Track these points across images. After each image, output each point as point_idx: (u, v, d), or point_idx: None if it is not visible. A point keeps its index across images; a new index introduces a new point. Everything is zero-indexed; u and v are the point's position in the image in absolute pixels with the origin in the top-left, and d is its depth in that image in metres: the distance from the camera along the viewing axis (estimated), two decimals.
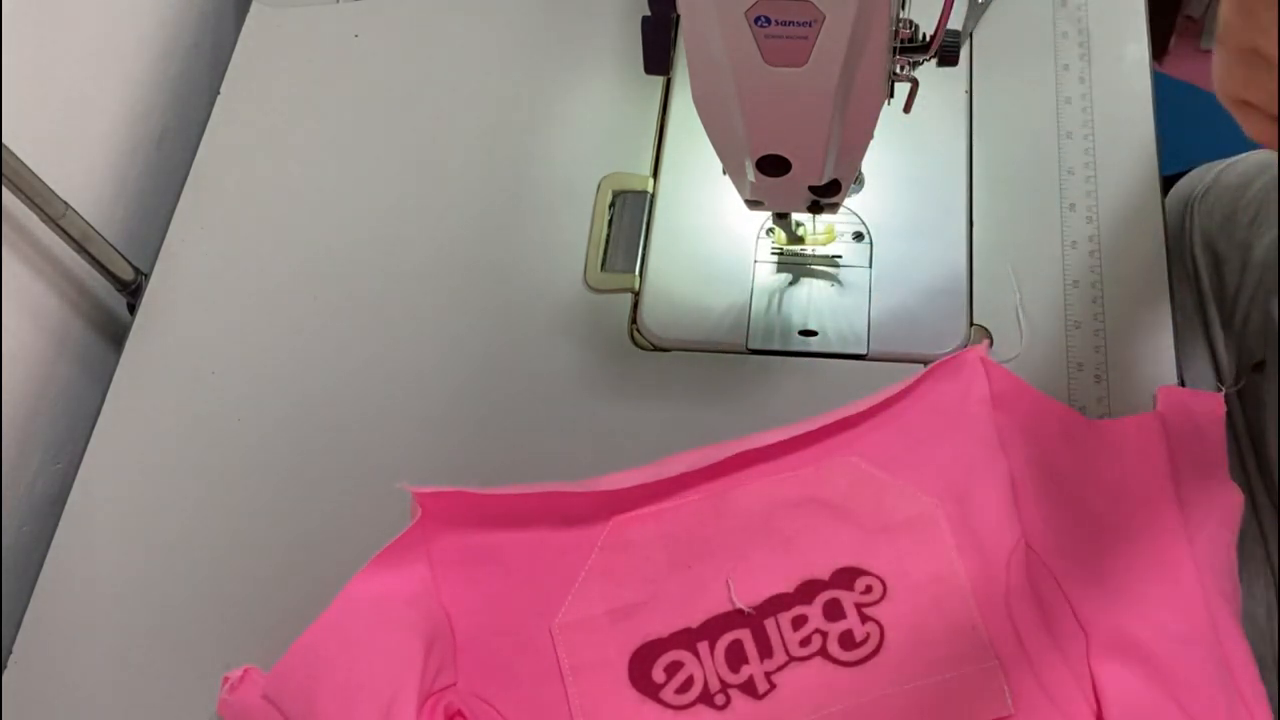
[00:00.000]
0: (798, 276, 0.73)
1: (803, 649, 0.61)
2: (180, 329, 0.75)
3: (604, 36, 0.83)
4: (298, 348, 0.74)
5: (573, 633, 0.61)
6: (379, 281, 0.76)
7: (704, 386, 0.70)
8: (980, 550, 0.62)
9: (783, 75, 0.51)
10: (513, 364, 0.72)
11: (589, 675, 0.61)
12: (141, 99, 0.85)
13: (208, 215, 0.79)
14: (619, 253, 0.75)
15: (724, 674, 0.60)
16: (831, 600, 0.62)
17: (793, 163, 0.58)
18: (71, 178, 0.76)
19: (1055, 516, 0.63)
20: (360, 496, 0.68)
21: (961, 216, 0.73)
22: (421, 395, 0.71)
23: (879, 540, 0.63)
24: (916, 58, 0.58)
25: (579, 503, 0.63)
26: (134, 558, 0.68)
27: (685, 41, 0.52)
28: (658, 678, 0.60)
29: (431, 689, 0.58)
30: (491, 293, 0.74)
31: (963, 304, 0.71)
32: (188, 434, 0.72)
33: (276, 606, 0.66)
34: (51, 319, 0.78)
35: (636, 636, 0.61)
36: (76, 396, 0.80)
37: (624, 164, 0.78)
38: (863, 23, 0.49)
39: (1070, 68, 0.78)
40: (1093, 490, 0.63)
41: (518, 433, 0.70)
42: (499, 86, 0.82)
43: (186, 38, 0.89)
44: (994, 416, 0.65)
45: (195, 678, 0.64)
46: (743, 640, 0.61)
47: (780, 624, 0.61)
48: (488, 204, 0.78)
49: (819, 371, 0.70)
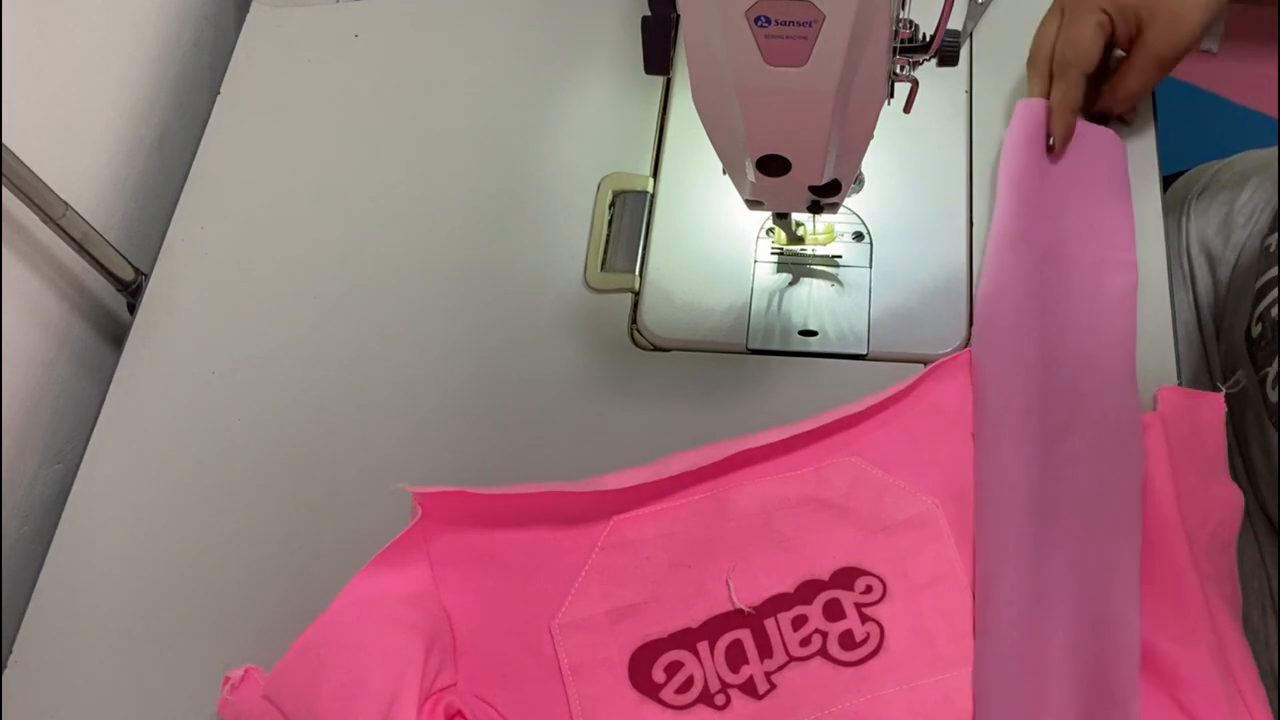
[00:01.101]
0: (798, 276, 0.73)
1: (803, 649, 0.61)
2: (180, 329, 0.75)
3: (604, 36, 0.83)
4: (297, 347, 0.74)
5: (573, 632, 0.61)
6: (379, 281, 0.76)
7: (704, 386, 0.70)
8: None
9: (783, 75, 0.51)
10: (513, 364, 0.72)
11: (589, 675, 0.61)
12: (141, 99, 0.85)
13: (208, 215, 0.79)
14: (619, 253, 0.75)
15: (724, 674, 0.60)
16: (831, 600, 0.62)
17: (793, 163, 0.58)
18: (71, 178, 0.76)
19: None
20: (360, 496, 0.68)
21: (961, 216, 0.73)
22: (422, 395, 0.71)
23: (879, 540, 0.63)
24: (916, 58, 0.58)
25: (579, 502, 0.63)
26: (134, 557, 0.68)
27: (685, 41, 0.52)
28: (658, 677, 0.60)
29: (432, 689, 0.58)
30: (492, 292, 0.74)
31: (963, 304, 0.71)
32: (188, 434, 0.72)
33: (276, 606, 0.66)
34: (51, 319, 0.78)
35: (636, 636, 0.61)
36: (76, 396, 0.80)
37: (624, 164, 0.78)
38: (863, 23, 0.49)
39: None
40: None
41: (518, 432, 0.70)
42: (499, 86, 0.82)
43: (186, 38, 0.89)
44: None
45: (195, 677, 0.64)
46: (743, 640, 0.61)
47: (780, 624, 0.61)
48: (488, 204, 0.78)
49: (819, 371, 0.70)
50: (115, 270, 0.78)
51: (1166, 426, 0.64)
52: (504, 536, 0.64)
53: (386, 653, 0.58)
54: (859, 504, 0.64)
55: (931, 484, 0.64)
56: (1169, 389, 0.66)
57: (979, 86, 0.78)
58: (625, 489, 0.63)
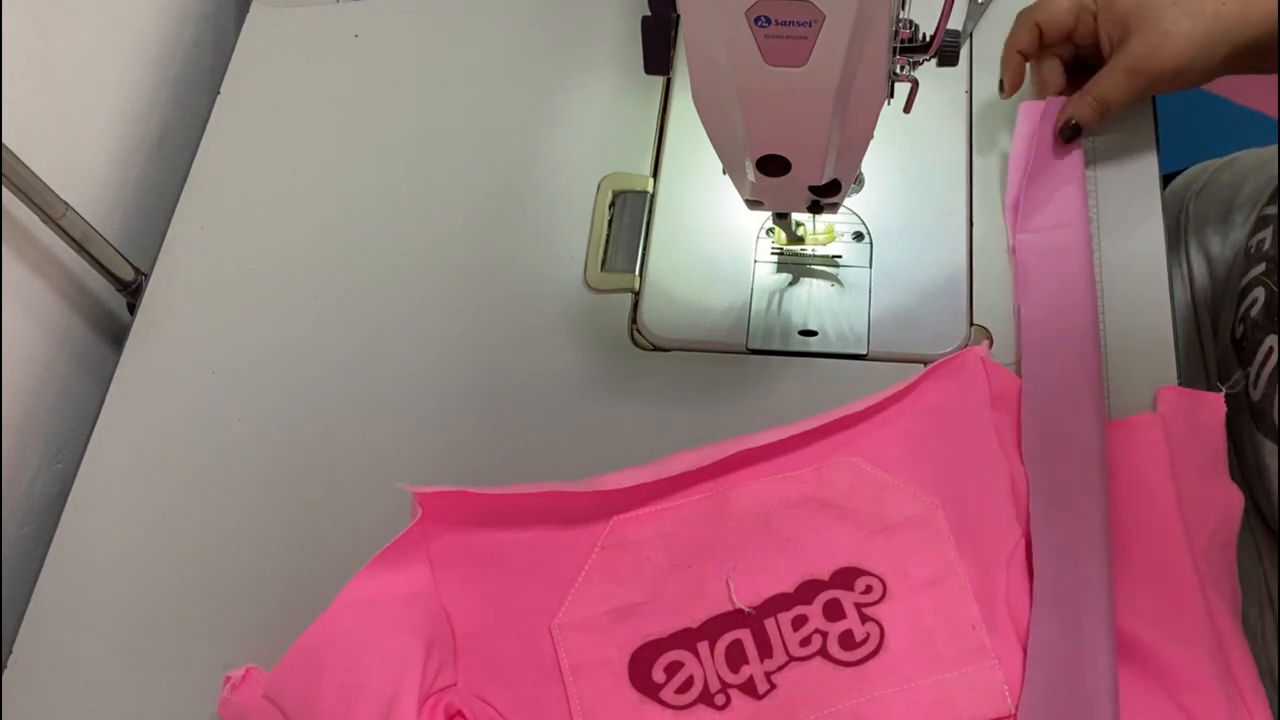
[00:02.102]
0: (798, 276, 0.73)
1: (803, 649, 0.61)
2: (180, 329, 0.75)
3: (604, 36, 0.83)
4: (297, 347, 0.74)
5: (573, 632, 0.62)
6: (379, 281, 0.76)
7: (704, 386, 0.70)
8: (980, 550, 0.62)
9: (783, 75, 0.51)
10: (513, 364, 0.72)
11: (589, 675, 0.61)
12: (141, 99, 0.85)
13: (208, 215, 0.79)
14: (619, 253, 0.75)
15: (724, 674, 0.60)
16: (831, 600, 0.62)
17: (793, 163, 0.58)
18: (71, 178, 0.76)
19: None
20: (359, 496, 0.68)
21: (961, 216, 0.73)
22: (421, 395, 0.71)
23: (879, 540, 0.63)
24: (916, 58, 0.58)
25: (579, 502, 0.63)
26: (134, 557, 0.68)
27: (685, 41, 0.52)
28: (658, 678, 0.60)
29: (432, 689, 0.58)
30: (492, 292, 0.74)
31: (963, 304, 0.71)
32: (188, 434, 0.72)
33: (276, 606, 0.66)
34: (51, 319, 0.78)
35: (637, 636, 0.61)
36: (76, 396, 0.80)
37: (624, 164, 0.78)
38: (863, 23, 0.49)
39: None
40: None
41: (518, 432, 0.70)
42: (499, 86, 0.82)
43: (186, 38, 0.89)
44: (994, 417, 0.66)
45: (195, 677, 0.64)
46: (743, 640, 0.61)
47: (780, 624, 0.61)
48: (488, 204, 0.78)
49: (819, 371, 0.70)
50: (115, 270, 0.78)
51: (1167, 426, 0.64)
52: (504, 536, 0.64)
53: (386, 653, 0.58)
54: (859, 504, 0.64)
55: (931, 484, 0.64)
56: (1169, 389, 0.66)
57: (979, 86, 0.78)
58: (625, 489, 0.63)
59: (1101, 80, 0.69)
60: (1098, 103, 0.70)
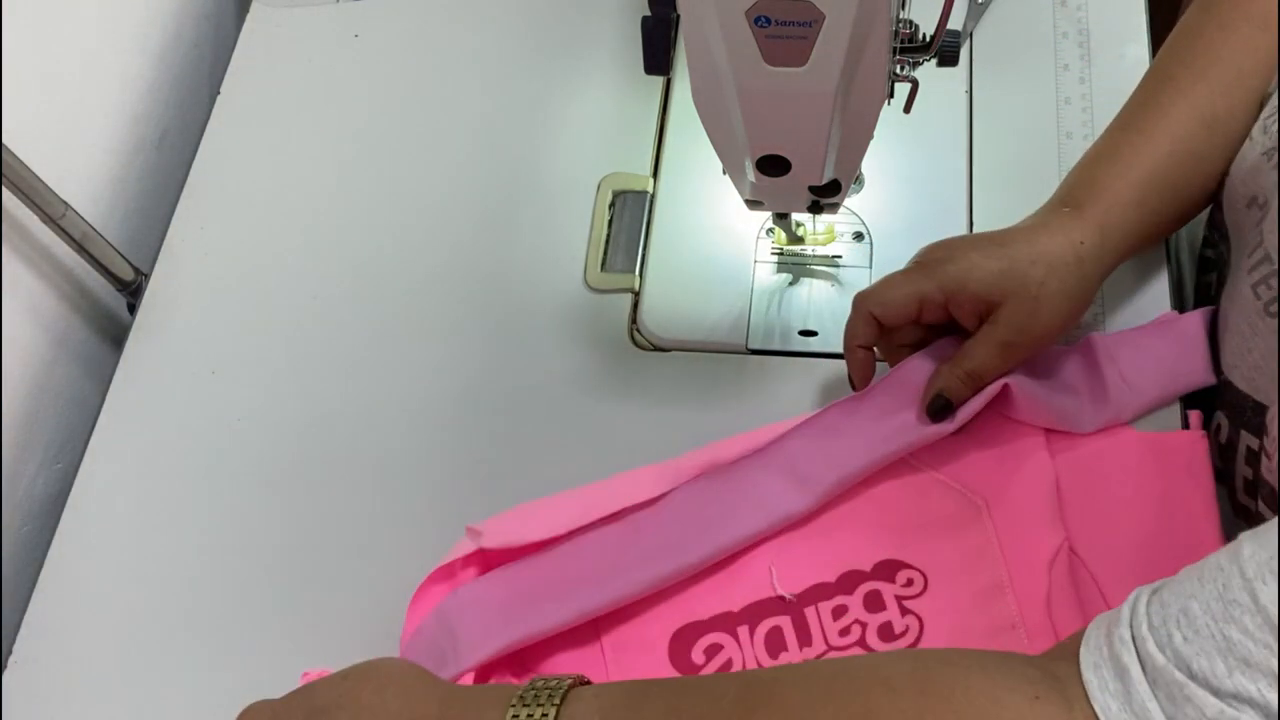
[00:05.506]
0: (798, 276, 0.73)
1: (842, 639, 0.61)
2: (180, 329, 0.75)
3: (604, 36, 0.83)
4: (297, 348, 0.74)
5: (616, 613, 0.61)
6: (378, 281, 0.76)
7: (704, 386, 0.70)
8: (1023, 550, 0.62)
9: (783, 75, 0.51)
10: (513, 364, 0.72)
11: (631, 654, 0.61)
12: (141, 99, 0.85)
13: (208, 215, 0.79)
14: (619, 253, 0.75)
15: (763, 659, 0.60)
16: (872, 591, 0.62)
17: (793, 163, 0.58)
18: (71, 178, 0.76)
19: (1100, 523, 0.62)
20: (360, 496, 0.68)
21: (961, 216, 0.73)
22: (422, 395, 0.71)
23: (922, 535, 0.63)
24: (916, 58, 0.58)
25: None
26: (134, 558, 0.68)
27: (685, 41, 0.52)
28: (697, 659, 0.61)
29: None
30: (492, 293, 0.74)
31: None
32: (188, 434, 0.72)
33: (276, 606, 0.66)
34: (51, 319, 0.78)
35: (678, 616, 0.61)
36: (76, 396, 0.80)
37: (624, 164, 0.78)
38: (863, 23, 0.49)
39: (1070, 68, 0.78)
40: (1140, 501, 0.63)
41: (517, 432, 0.70)
42: (499, 86, 0.82)
43: (186, 38, 0.89)
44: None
45: (195, 677, 0.64)
46: (782, 627, 0.61)
47: (820, 613, 0.61)
48: (488, 204, 0.78)
49: (819, 371, 0.70)
50: (115, 270, 0.78)
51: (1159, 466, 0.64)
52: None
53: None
54: (903, 499, 0.64)
55: (976, 482, 0.64)
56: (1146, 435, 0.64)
57: (979, 86, 0.78)
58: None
59: (976, 354, 0.62)
60: (969, 377, 0.62)
